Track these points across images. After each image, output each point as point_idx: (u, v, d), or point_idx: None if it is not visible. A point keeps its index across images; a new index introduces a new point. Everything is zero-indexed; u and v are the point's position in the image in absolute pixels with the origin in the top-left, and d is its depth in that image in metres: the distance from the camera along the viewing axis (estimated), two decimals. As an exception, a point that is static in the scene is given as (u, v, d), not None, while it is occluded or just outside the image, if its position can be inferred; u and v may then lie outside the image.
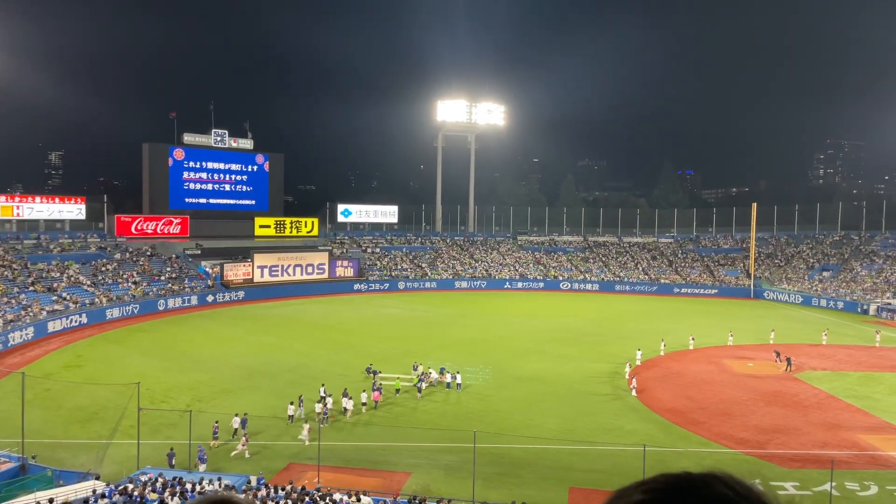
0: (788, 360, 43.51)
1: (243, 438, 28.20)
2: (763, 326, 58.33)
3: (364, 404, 33.59)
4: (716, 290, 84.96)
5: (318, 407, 32.06)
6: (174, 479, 22.56)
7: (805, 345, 51.99)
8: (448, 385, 37.98)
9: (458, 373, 38.87)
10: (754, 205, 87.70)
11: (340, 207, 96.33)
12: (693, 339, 51.08)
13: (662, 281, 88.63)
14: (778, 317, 66.81)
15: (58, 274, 62.17)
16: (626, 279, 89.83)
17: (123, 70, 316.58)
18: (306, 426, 29.12)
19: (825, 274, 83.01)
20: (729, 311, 70.35)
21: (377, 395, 34.63)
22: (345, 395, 33.54)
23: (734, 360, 46.60)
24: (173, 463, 26.14)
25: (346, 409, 32.75)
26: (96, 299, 59.75)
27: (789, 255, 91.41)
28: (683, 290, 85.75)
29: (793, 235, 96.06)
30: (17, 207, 68.70)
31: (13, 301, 53.45)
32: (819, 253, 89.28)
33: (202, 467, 25.74)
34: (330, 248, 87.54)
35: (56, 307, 55.17)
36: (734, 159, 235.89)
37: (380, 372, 39.48)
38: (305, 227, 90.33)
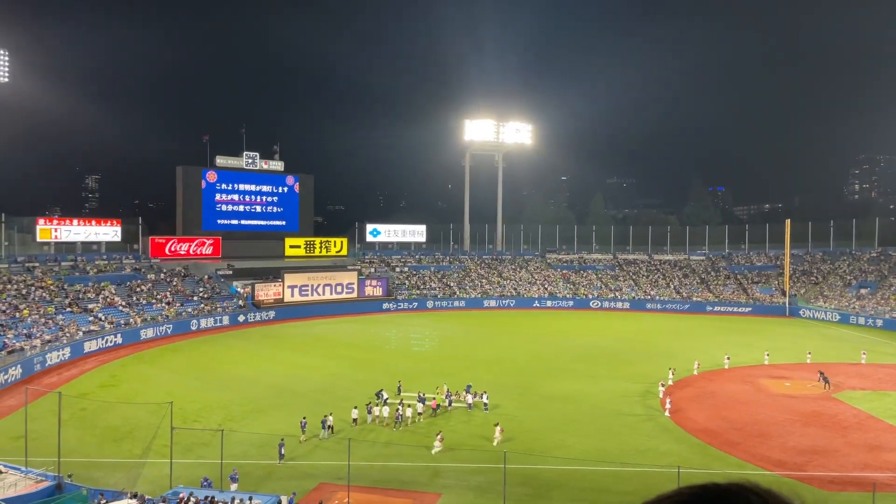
0: (826, 378, 42.48)
1: (438, 436, 30.62)
2: (799, 345, 57.07)
3: (420, 413, 35.71)
4: (750, 308, 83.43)
5: (392, 410, 34.93)
6: (206, 498, 22.72)
7: (843, 364, 50.66)
8: (470, 406, 37.81)
9: (484, 392, 38.62)
10: (788, 221, 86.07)
11: (369, 227, 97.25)
12: (728, 358, 50.11)
13: (694, 299, 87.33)
14: (814, 335, 65.31)
15: (93, 295, 63.49)
16: (657, 297, 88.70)
17: (158, 94, 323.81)
18: (438, 436, 30.73)
19: (863, 291, 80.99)
20: (764, 330, 68.92)
21: (434, 402, 37.04)
22: (400, 403, 35.89)
23: (770, 379, 45.58)
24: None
25: (399, 416, 34.66)
26: (131, 320, 60.82)
27: (825, 272, 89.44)
28: (716, 309, 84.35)
29: (829, 252, 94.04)
30: (56, 230, 70.56)
31: (51, 322, 54.69)
32: (856, 269, 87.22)
33: (234, 486, 25.87)
34: (359, 267, 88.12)
35: (92, 328, 56.28)
36: (766, 175, 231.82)
37: (383, 392, 38.88)
38: (335, 247, 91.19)
